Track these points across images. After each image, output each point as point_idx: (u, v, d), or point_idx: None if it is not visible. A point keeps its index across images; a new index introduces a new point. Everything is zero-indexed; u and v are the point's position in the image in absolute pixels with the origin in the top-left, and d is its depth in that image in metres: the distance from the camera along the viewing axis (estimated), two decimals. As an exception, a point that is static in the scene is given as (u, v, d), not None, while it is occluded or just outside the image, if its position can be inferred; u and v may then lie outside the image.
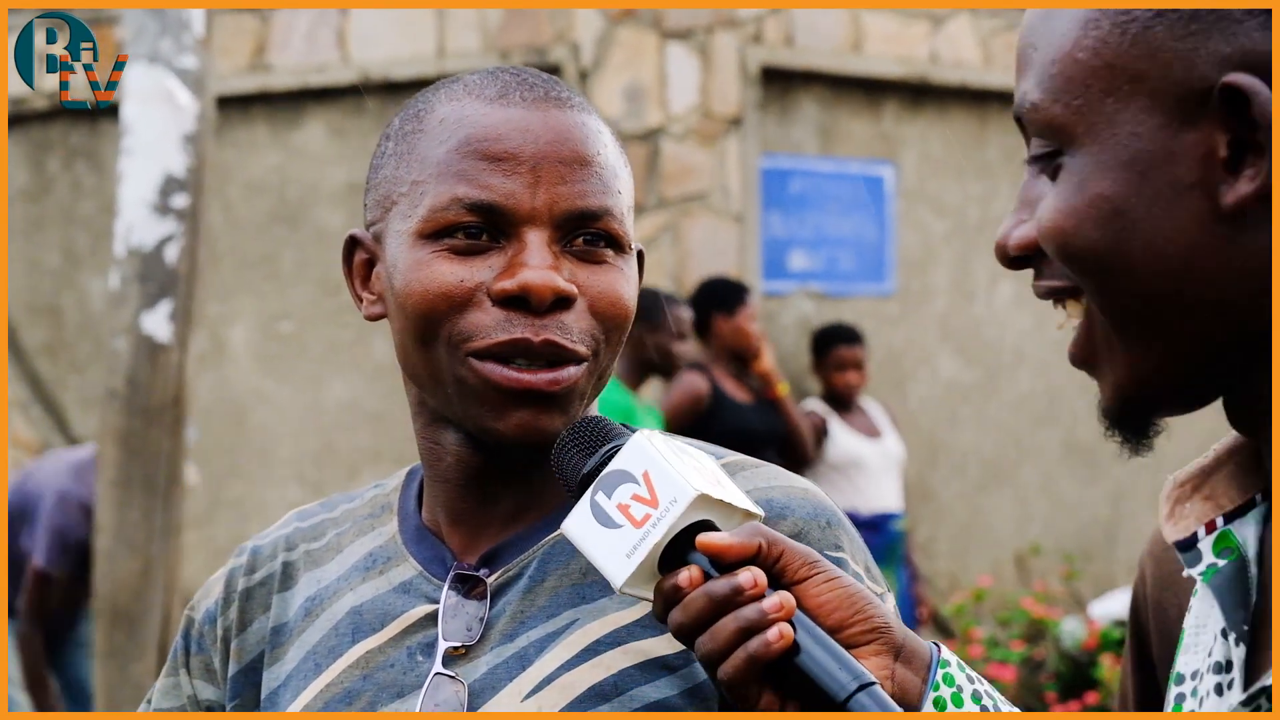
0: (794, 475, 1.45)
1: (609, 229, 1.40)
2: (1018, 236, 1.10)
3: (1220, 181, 1.01)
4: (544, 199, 1.37)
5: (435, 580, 1.44)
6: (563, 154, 1.38)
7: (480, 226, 1.37)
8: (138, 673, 5.27)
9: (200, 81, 5.33)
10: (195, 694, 1.54)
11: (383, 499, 1.55)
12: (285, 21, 7.95)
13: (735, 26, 7.52)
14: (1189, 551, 1.11)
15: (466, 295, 1.37)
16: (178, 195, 5.25)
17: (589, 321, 1.38)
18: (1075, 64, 1.05)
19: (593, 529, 1.24)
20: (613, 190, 1.40)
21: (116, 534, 5.30)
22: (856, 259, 8.11)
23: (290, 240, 8.05)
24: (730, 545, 1.19)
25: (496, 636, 1.39)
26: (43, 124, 8.44)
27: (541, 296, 1.35)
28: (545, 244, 1.36)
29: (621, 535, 1.22)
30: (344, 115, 7.92)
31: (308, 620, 1.49)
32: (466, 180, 1.37)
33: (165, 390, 5.29)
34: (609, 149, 1.42)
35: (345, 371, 7.92)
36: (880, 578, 1.43)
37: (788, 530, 1.36)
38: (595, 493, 1.24)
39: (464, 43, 7.62)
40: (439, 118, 1.41)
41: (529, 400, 1.36)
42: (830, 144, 7.98)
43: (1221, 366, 1.06)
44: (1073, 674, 7.71)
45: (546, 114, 1.39)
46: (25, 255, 8.52)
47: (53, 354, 8.53)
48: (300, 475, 7.82)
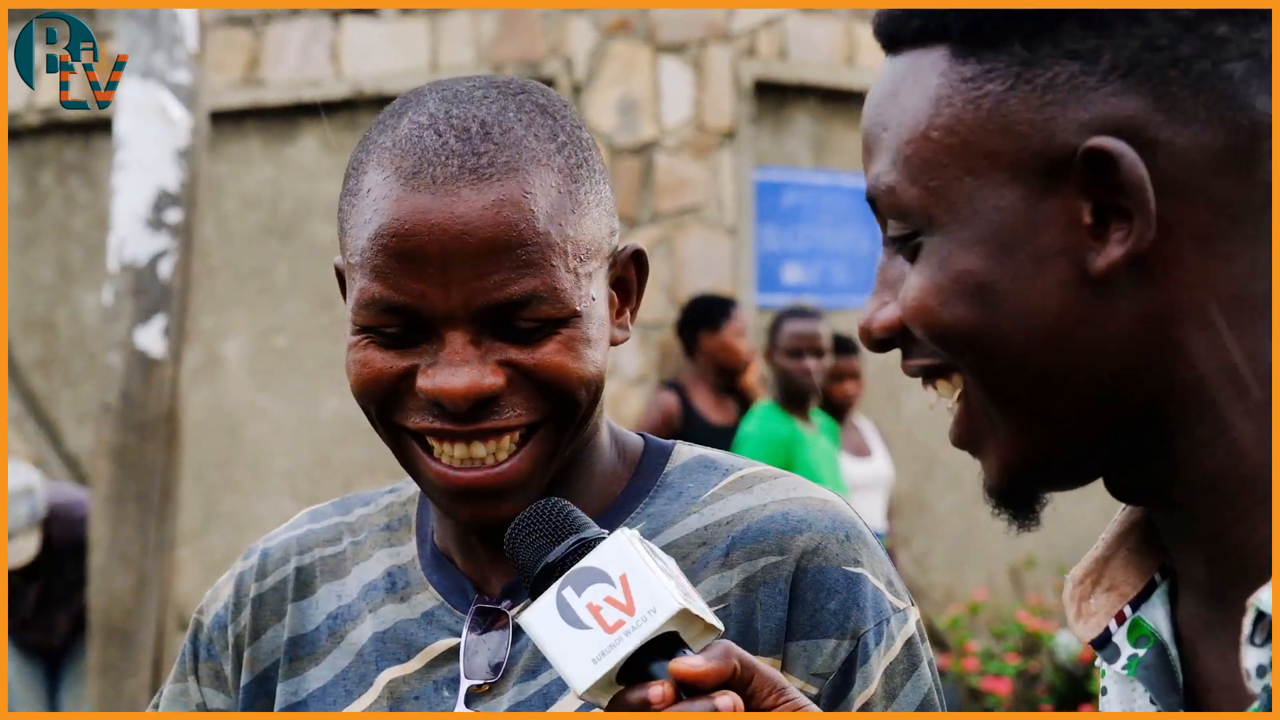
0: (815, 486, 1.42)
1: (538, 314, 1.32)
2: (882, 318, 1.06)
3: (1088, 249, 0.98)
4: (458, 298, 1.30)
5: (456, 612, 1.42)
6: (472, 247, 1.29)
7: (401, 323, 1.33)
8: (132, 688, 5.26)
9: (194, 96, 5.33)
10: (205, 702, 1.52)
11: (399, 509, 1.52)
12: (278, 36, 7.95)
13: (729, 40, 7.53)
14: (1105, 648, 1.09)
15: (395, 380, 1.34)
16: (171, 210, 5.25)
17: (530, 394, 1.34)
18: (929, 144, 1.01)
19: (556, 626, 1.17)
20: (543, 264, 1.31)
21: (110, 549, 5.29)
22: (850, 272, 8.11)
23: (284, 254, 8.04)
24: (707, 671, 1.13)
25: (519, 672, 1.37)
26: (36, 139, 8.44)
27: (456, 405, 1.31)
28: (466, 342, 1.31)
29: (588, 638, 1.16)
30: (337, 129, 7.92)
31: (333, 641, 1.46)
32: (382, 279, 1.32)
33: (159, 405, 5.29)
34: (540, 209, 1.32)
35: (339, 385, 7.88)
36: (903, 591, 1.41)
37: (804, 545, 1.35)
38: (564, 587, 1.18)
39: (458, 56, 7.63)
40: (366, 187, 1.35)
41: (475, 495, 1.35)
42: (824, 157, 7.99)
43: (1109, 439, 1.03)
44: (1068, 687, 7.71)
45: (455, 199, 1.30)
46: (19, 270, 8.52)
47: (46, 369, 8.53)
48: (294, 489, 7.81)
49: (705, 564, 1.37)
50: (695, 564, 1.37)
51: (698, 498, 1.42)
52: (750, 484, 1.41)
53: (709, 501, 1.41)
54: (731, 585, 1.36)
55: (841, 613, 1.35)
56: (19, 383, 8.48)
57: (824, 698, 1.34)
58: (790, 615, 1.35)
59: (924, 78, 1.03)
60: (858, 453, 7.23)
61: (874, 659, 1.35)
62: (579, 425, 1.38)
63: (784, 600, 1.34)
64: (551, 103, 1.40)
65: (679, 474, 1.45)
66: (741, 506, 1.39)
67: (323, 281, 7.87)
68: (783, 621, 1.34)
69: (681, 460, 1.46)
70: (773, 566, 1.35)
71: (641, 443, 1.49)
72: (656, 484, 1.44)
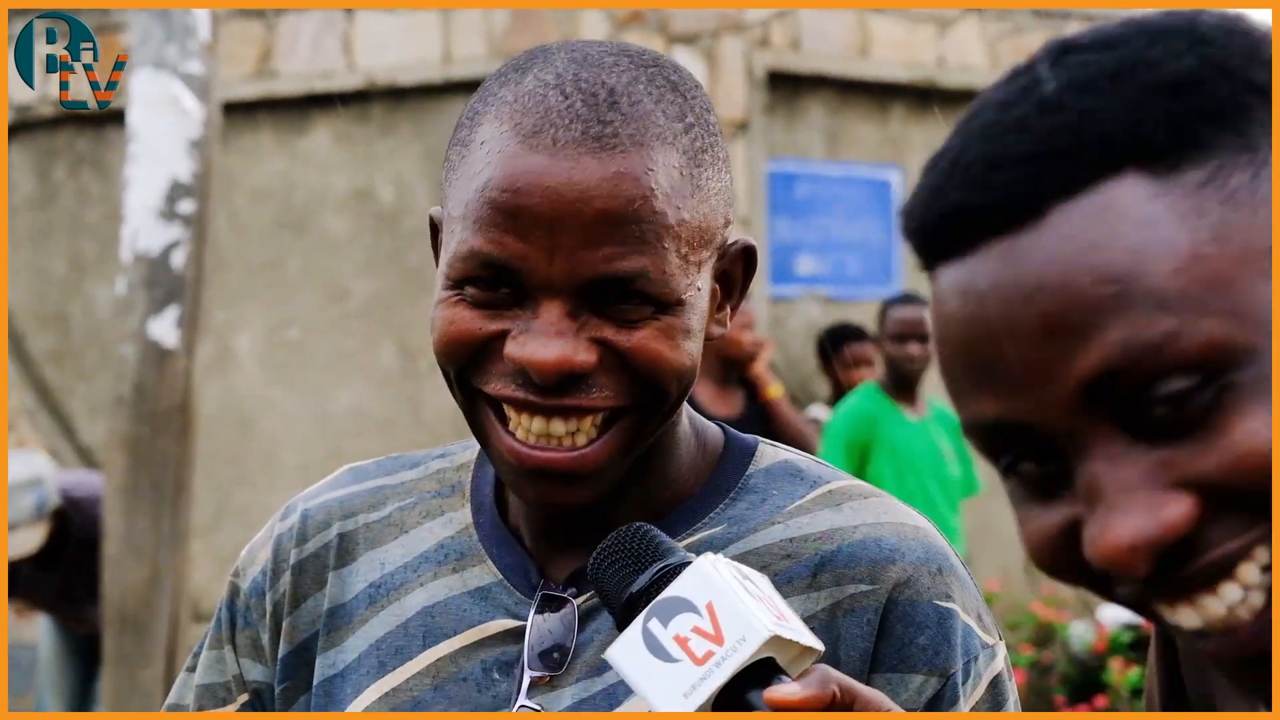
0: (908, 510, 1.36)
1: (645, 291, 1.25)
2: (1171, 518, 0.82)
3: None
4: (561, 266, 1.23)
5: (517, 593, 1.36)
6: (585, 216, 1.23)
7: (498, 282, 1.26)
8: (146, 679, 5.27)
9: (206, 87, 5.33)
10: (242, 674, 1.45)
11: (452, 476, 1.45)
12: (291, 28, 7.95)
13: (742, 31, 7.52)
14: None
15: (483, 342, 1.28)
16: (184, 201, 5.25)
17: (624, 376, 1.27)
18: (1206, 263, 0.82)
19: (644, 659, 1.11)
20: (655, 244, 1.24)
21: (124, 541, 5.29)
22: (864, 263, 8.10)
23: (296, 247, 8.05)
24: (804, 699, 1.07)
25: (583, 668, 1.32)
26: (49, 131, 8.44)
27: (544, 377, 1.25)
28: (562, 314, 1.25)
29: (678, 671, 1.10)
30: (350, 121, 7.92)
31: (372, 610, 1.40)
32: (484, 233, 1.25)
33: (172, 396, 5.29)
34: (659, 189, 1.25)
35: (352, 378, 7.91)
36: (991, 626, 1.36)
37: (896, 576, 1.30)
38: (649, 619, 1.12)
39: (470, 48, 7.62)
40: (480, 140, 1.28)
41: (546, 476, 1.28)
42: (837, 148, 7.98)
43: None
44: (1082, 678, 7.69)
45: (575, 164, 1.23)
46: (32, 263, 8.53)
47: (59, 361, 8.54)
48: (307, 482, 7.74)
49: (790, 579, 1.31)
50: (778, 577, 1.29)
51: (783, 507, 1.36)
52: (839, 501, 1.35)
53: (795, 514, 1.35)
54: (818, 608, 1.30)
55: (931, 648, 1.30)
56: (32, 375, 8.49)
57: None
58: (877, 647, 1.30)
59: (1135, 209, 0.83)
60: (870, 442, 7.23)
61: (961, 699, 1.31)
62: (664, 417, 1.31)
63: (871, 631, 1.30)
64: (684, 80, 1.34)
65: (763, 478, 1.38)
66: (830, 525, 1.34)
67: (335, 274, 7.88)
68: (868, 653, 1.30)
69: (766, 463, 1.40)
70: (862, 595, 1.30)
71: (722, 437, 1.42)
72: (739, 485, 1.38)
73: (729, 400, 6.63)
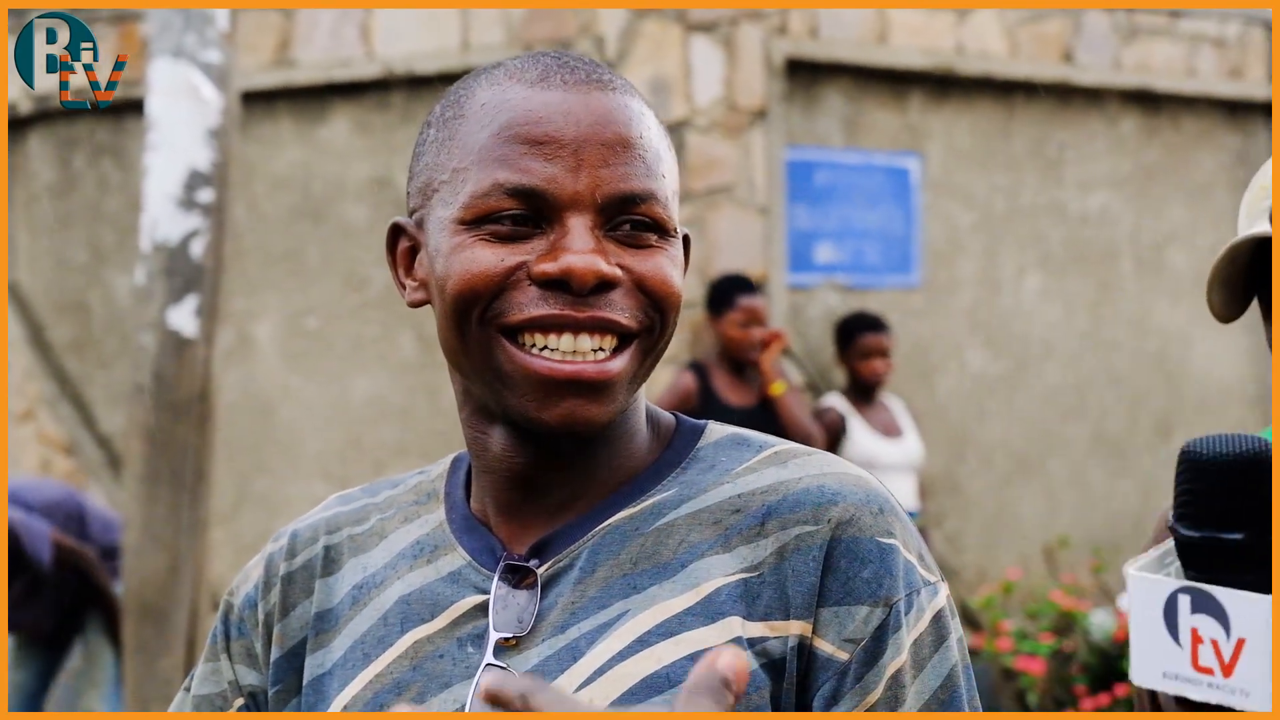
0: (848, 463, 1.43)
1: (653, 213, 1.37)
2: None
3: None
4: (586, 182, 1.34)
5: (484, 571, 1.43)
6: (605, 137, 1.35)
7: (522, 212, 1.35)
8: (166, 667, 5.28)
9: (225, 76, 5.34)
10: (236, 679, 1.53)
11: (428, 486, 1.54)
12: (309, 16, 7.95)
13: (760, 18, 7.50)
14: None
15: (505, 275, 1.35)
16: (203, 190, 5.26)
17: (639, 299, 1.37)
18: None
19: (1153, 613, 1.08)
20: (656, 174, 1.38)
21: (144, 529, 5.31)
22: (883, 251, 8.08)
23: (315, 236, 8.05)
24: None
25: (547, 628, 1.38)
26: (68, 120, 8.46)
27: (584, 280, 1.33)
28: (588, 228, 1.34)
29: (1173, 655, 1.08)
30: (368, 110, 7.92)
31: (355, 609, 1.48)
32: (507, 165, 1.34)
33: (191, 385, 5.30)
34: (652, 132, 1.40)
35: (371, 367, 7.92)
36: (933, 566, 1.41)
37: (839, 515, 1.36)
38: (1186, 590, 1.07)
39: (488, 37, 7.62)
40: (479, 102, 1.39)
41: (573, 389, 1.35)
42: (856, 136, 7.96)
43: None
44: (1102, 666, 7.68)
45: (588, 96, 1.37)
46: (52, 252, 8.55)
47: (79, 350, 8.56)
48: (326, 471, 7.83)
49: (738, 530, 1.38)
50: (728, 530, 1.38)
51: (730, 470, 1.43)
52: (784, 459, 1.42)
53: (743, 474, 1.42)
54: (766, 554, 1.36)
55: (874, 580, 1.35)
56: (52, 364, 8.51)
57: (855, 664, 1.34)
58: (823, 582, 1.35)
59: None
60: (887, 432, 7.20)
61: (905, 628, 1.35)
62: (661, 350, 1.41)
63: (817, 567, 1.35)
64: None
65: (711, 449, 1.46)
66: (776, 479, 1.41)
67: (354, 263, 7.88)
68: (814, 587, 1.35)
69: (714, 437, 1.48)
70: (807, 535, 1.36)
71: (674, 420, 1.51)
72: (689, 457, 1.46)
73: (745, 391, 6.63)
